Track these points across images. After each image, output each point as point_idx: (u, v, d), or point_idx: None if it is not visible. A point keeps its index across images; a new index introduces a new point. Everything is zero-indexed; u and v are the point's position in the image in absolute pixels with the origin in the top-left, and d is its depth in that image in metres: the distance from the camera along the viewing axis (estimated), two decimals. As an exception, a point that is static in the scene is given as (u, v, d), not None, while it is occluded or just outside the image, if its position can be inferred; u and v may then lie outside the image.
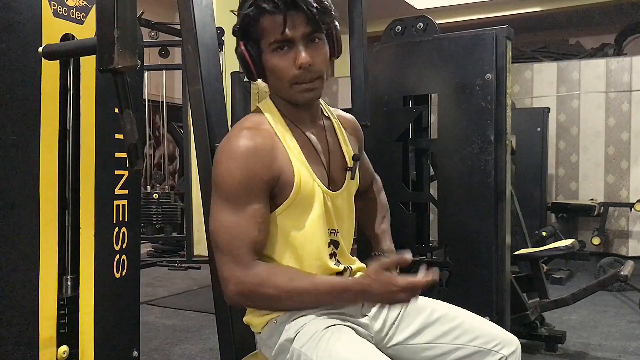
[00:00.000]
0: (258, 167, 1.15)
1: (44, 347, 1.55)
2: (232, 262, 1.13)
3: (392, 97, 2.38)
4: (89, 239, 1.68)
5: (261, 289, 1.12)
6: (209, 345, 3.09)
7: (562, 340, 2.98)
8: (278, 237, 1.22)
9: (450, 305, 1.35)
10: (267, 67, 1.20)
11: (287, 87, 1.19)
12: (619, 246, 5.92)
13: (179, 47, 5.83)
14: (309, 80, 1.19)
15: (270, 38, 1.16)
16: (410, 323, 1.30)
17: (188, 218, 5.42)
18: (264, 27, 1.16)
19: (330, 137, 1.32)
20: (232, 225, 1.14)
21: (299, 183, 1.19)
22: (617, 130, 5.92)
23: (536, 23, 7.51)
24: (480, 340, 1.26)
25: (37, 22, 1.52)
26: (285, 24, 1.14)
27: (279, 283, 1.12)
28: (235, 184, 1.14)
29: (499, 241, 2.15)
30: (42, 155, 1.53)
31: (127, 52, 1.18)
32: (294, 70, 1.17)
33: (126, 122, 1.26)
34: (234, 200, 1.14)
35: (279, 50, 1.17)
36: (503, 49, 2.15)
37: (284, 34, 1.15)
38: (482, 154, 2.16)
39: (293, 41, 1.16)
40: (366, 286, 1.10)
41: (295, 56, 1.16)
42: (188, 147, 5.36)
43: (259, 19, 1.16)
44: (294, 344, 1.18)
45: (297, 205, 1.20)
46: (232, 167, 1.14)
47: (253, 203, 1.15)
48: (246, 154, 1.14)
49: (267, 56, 1.18)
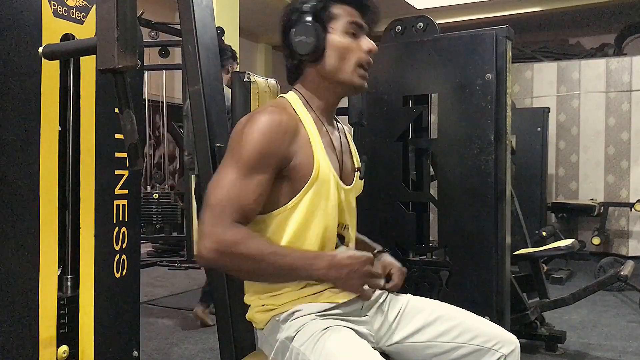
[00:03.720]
0: (279, 141, 1.18)
1: (44, 347, 1.55)
2: (216, 218, 1.13)
3: (392, 97, 2.38)
4: (89, 239, 1.68)
5: (236, 247, 1.11)
6: (209, 345, 3.09)
7: (562, 340, 2.98)
8: (294, 224, 1.23)
9: (449, 305, 1.36)
10: (333, 46, 1.27)
11: (351, 68, 1.28)
12: (619, 246, 5.92)
13: (179, 47, 5.83)
14: (367, 68, 1.30)
15: (347, 19, 1.27)
16: (409, 322, 1.31)
17: (188, 218, 5.42)
18: (337, 11, 1.27)
19: (342, 138, 1.38)
20: (232, 186, 1.15)
21: (318, 168, 1.22)
22: (617, 130, 5.92)
23: (536, 23, 7.51)
24: (480, 339, 1.27)
25: (37, 22, 1.51)
26: (362, 14, 1.28)
27: (256, 244, 1.14)
28: (253, 151, 1.16)
29: (499, 241, 2.15)
30: (42, 155, 1.53)
31: (127, 52, 1.18)
32: (362, 54, 1.28)
33: (126, 122, 1.25)
34: (246, 166, 1.16)
35: (350, 35, 1.27)
36: (503, 49, 2.15)
37: (359, 20, 1.28)
38: (482, 154, 2.16)
39: (362, 29, 1.29)
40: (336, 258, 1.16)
41: (365, 42, 1.28)
42: (188, 147, 5.36)
43: (333, 3, 1.27)
44: (293, 342, 1.19)
45: (316, 192, 1.23)
46: (254, 135, 1.17)
47: (262, 173, 1.17)
48: (270, 125, 1.18)
49: (336, 37, 1.27)
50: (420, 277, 2.35)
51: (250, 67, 8.48)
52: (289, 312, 1.23)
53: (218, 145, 1.34)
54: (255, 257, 1.13)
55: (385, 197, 2.38)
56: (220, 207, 1.14)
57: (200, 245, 1.13)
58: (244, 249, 1.12)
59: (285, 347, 1.20)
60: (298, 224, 1.22)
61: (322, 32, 1.26)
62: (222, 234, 1.12)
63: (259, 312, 1.28)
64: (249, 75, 1.79)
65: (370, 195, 2.30)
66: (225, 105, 1.62)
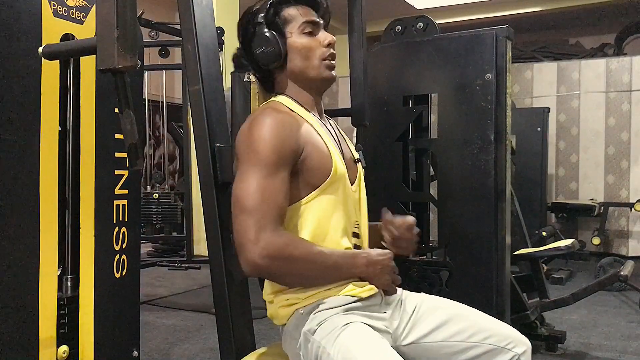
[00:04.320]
0: (288, 136, 1.21)
1: (44, 347, 1.55)
2: (261, 223, 1.13)
3: (392, 97, 2.38)
4: (89, 239, 1.68)
5: (287, 249, 1.14)
6: (209, 345, 3.09)
7: (562, 340, 2.98)
8: (314, 217, 1.25)
9: (461, 304, 1.38)
10: (294, 48, 1.31)
11: (316, 64, 1.31)
12: (619, 246, 5.92)
13: (179, 47, 5.83)
14: (332, 58, 1.33)
15: (300, 21, 1.31)
16: (424, 321, 1.32)
17: (188, 218, 5.42)
18: (290, 14, 1.31)
19: (337, 130, 1.41)
20: (264, 189, 1.16)
21: (335, 162, 1.26)
22: (617, 130, 5.92)
23: (536, 23, 7.51)
24: (494, 338, 1.28)
25: (37, 22, 1.52)
26: (315, 10, 1.33)
27: (303, 245, 1.18)
28: (269, 150, 1.18)
29: (499, 241, 2.15)
30: (42, 155, 1.53)
31: (127, 52, 1.18)
32: (322, 48, 1.32)
33: (126, 122, 1.25)
34: (267, 166, 1.17)
35: (308, 34, 1.31)
36: (503, 49, 2.15)
37: (313, 18, 1.32)
38: (482, 154, 2.16)
39: (318, 26, 1.33)
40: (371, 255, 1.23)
41: (322, 37, 1.32)
42: (188, 147, 5.36)
43: (285, 7, 1.31)
44: (315, 335, 1.20)
45: (335, 185, 1.26)
46: (265, 135, 1.19)
47: (283, 170, 1.19)
48: (276, 123, 1.21)
49: (295, 39, 1.31)
50: (420, 277, 2.34)
51: (250, 67, 8.46)
52: (313, 304, 1.24)
53: (218, 146, 1.34)
54: (305, 259, 1.16)
55: (385, 197, 2.38)
56: (261, 212, 1.14)
57: (248, 254, 1.12)
58: (294, 251, 1.14)
59: (307, 339, 1.21)
60: (318, 218, 1.24)
61: (280, 38, 1.30)
62: (271, 238, 1.12)
63: (282, 307, 1.28)
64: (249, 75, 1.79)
65: (370, 195, 2.30)
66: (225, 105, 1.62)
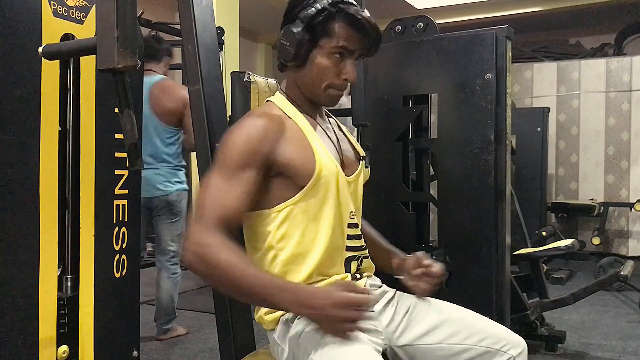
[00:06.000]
0: (260, 140, 1.19)
1: (44, 347, 1.55)
2: (198, 221, 1.14)
3: (392, 97, 2.37)
4: (89, 239, 1.68)
5: (211, 251, 1.09)
6: (209, 345, 3.09)
7: (562, 340, 2.99)
8: (303, 217, 1.25)
9: (456, 306, 1.37)
10: (315, 62, 1.25)
11: (322, 88, 1.28)
12: (619, 246, 5.92)
13: (179, 47, 5.83)
14: (342, 89, 1.30)
15: (337, 42, 1.23)
16: (419, 322, 1.32)
17: (188, 218, 5.41)
18: (335, 30, 1.23)
19: (336, 129, 1.40)
20: (215, 189, 1.17)
21: (320, 163, 1.24)
22: (617, 130, 5.92)
23: (536, 23, 7.50)
24: (488, 340, 1.27)
25: (37, 22, 1.51)
26: (359, 38, 1.24)
27: (226, 254, 1.09)
28: (234, 153, 1.19)
29: (499, 241, 2.15)
30: (42, 155, 1.53)
31: (127, 52, 1.18)
32: (338, 80, 1.27)
33: (126, 122, 1.25)
34: (229, 168, 1.18)
35: (336, 56, 1.25)
36: (503, 49, 2.14)
37: (351, 46, 1.24)
38: (482, 154, 2.16)
39: (351, 54, 1.26)
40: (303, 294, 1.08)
41: (346, 69, 1.26)
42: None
43: (338, 21, 1.22)
44: (300, 338, 1.20)
45: (321, 184, 1.24)
46: (235, 139, 1.20)
47: (247, 172, 1.18)
48: (251, 127, 1.20)
49: (321, 54, 1.25)
50: (420, 277, 2.34)
51: (250, 67, 8.48)
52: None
53: (218, 145, 1.34)
54: (224, 269, 1.09)
55: (385, 197, 2.38)
56: (204, 209, 1.15)
57: (183, 248, 1.14)
58: (216, 257, 1.09)
59: (296, 343, 1.21)
60: (307, 217, 1.24)
61: (308, 45, 1.24)
62: (199, 235, 1.12)
63: (267, 313, 1.29)
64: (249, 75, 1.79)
65: (370, 195, 2.30)
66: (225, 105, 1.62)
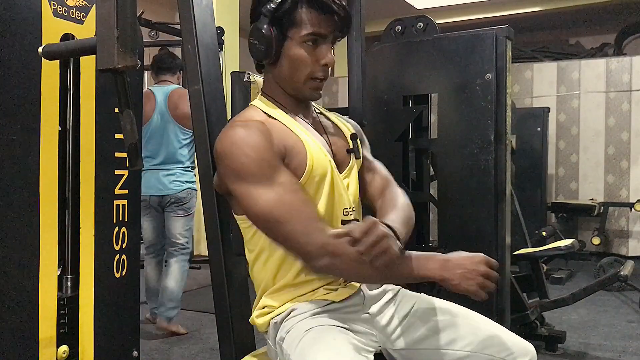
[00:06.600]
0: (262, 141, 1.15)
1: (44, 347, 1.55)
2: (306, 230, 1.11)
3: (392, 97, 2.37)
4: (89, 239, 1.68)
5: (345, 243, 1.08)
6: (209, 345, 3.09)
7: (562, 340, 2.98)
8: None
9: (461, 307, 1.30)
10: (288, 55, 1.20)
11: (302, 80, 1.22)
12: (619, 246, 5.92)
13: (179, 47, 5.83)
14: (322, 79, 1.23)
15: (306, 29, 1.18)
16: (419, 326, 1.26)
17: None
18: (302, 17, 1.18)
19: (326, 123, 1.35)
20: (277, 198, 1.12)
21: (312, 157, 1.20)
22: (617, 130, 5.92)
23: (536, 23, 7.51)
24: (493, 348, 1.22)
25: (37, 22, 1.52)
26: (328, 21, 1.18)
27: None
28: (253, 164, 1.13)
29: (499, 241, 2.15)
30: (42, 155, 1.53)
31: (127, 52, 1.18)
32: (316, 67, 1.21)
33: (126, 122, 1.25)
34: (261, 178, 1.13)
35: (309, 44, 1.19)
36: (503, 49, 2.14)
37: (321, 30, 1.19)
38: (482, 154, 2.16)
39: (324, 39, 1.20)
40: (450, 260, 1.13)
41: (322, 54, 1.20)
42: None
43: (301, 7, 1.18)
44: (284, 343, 1.19)
45: (313, 179, 1.20)
46: (241, 152, 1.14)
47: (279, 174, 1.14)
48: (247, 135, 1.15)
49: (293, 45, 1.20)
50: (420, 277, 2.34)
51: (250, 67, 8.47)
52: (285, 312, 1.22)
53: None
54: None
55: (385, 197, 2.38)
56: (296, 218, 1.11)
57: (312, 258, 1.11)
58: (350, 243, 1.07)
59: (280, 347, 1.20)
60: None
61: (279, 39, 1.19)
62: (326, 237, 1.11)
63: (258, 315, 1.27)
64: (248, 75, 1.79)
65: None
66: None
